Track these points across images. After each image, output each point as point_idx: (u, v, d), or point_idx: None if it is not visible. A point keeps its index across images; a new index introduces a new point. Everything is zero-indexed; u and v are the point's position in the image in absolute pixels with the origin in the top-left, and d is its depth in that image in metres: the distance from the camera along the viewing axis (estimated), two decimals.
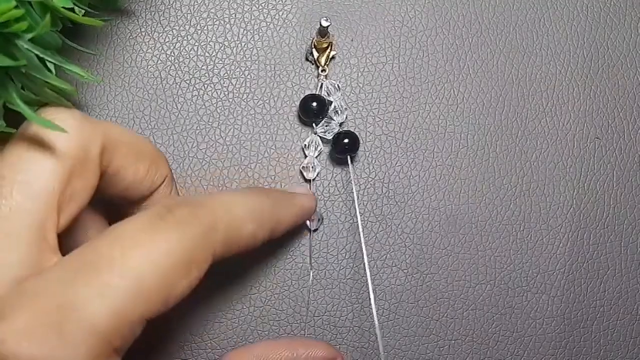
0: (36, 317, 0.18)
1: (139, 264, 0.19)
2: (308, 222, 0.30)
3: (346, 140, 0.30)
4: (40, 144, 0.21)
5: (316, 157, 0.31)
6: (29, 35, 0.19)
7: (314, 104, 0.30)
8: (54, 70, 0.22)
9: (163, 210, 0.20)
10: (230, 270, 0.30)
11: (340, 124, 0.31)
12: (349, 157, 0.30)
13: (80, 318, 0.18)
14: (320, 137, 0.31)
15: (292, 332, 0.30)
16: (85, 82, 0.30)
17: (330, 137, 0.31)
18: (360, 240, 0.30)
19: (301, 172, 0.31)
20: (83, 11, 0.26)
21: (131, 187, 0.24)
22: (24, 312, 0.18)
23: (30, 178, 0.20)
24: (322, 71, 0.31)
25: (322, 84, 0.31)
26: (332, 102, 0.31)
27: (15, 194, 0.20)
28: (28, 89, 0.21)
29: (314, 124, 0.31)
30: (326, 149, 0.31)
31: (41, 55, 0.21)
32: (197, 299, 0.30)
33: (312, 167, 0.31)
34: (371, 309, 0.29)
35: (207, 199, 0.22)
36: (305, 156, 0.31)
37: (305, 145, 0.31)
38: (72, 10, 0.24)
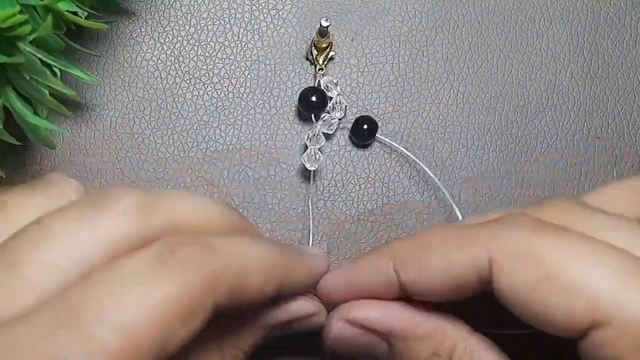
0: None
1: (131, 315, 0.17)
2: None
3: (365, 126, 0.30)
4: None
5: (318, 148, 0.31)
6: (30, 37, 0.19)
7: (314, 97, 0.30)
8: (59, 74, 0.22)
9: (165, 250, 0.19)
10: None
11: (340, 119, 0.31)
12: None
13: None
14: (323, 133, 0.31)
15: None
16: (85, 83, 0.30)
17: (331, 133, 0.31)
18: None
19: (302, 163, 0.30)
20: (86, 13, 0.26)
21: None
22: None
23: None
24: (319, 70, 0.31)
25: (319, 80, 0.31)
26: (331, 97, 0.31)
27: None
28: (28, 94, 0.21)
29: (313, 117, 0.31)
30: (326, 146, 0.31)
31: (44, 59, 0.21)
32: None
33: (315, 156, 0.30)
34: None
35: (218, 243, 0.20)
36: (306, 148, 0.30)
37: (308, 136, 0.30)
38: (75, 13, 0.24)
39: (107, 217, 0.19)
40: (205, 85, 0.31)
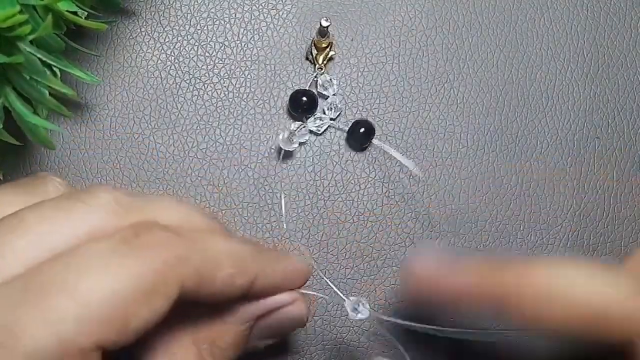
0: None
1: (92, 289, 0.18)
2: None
3: (362, 130, 0.31)
4: None
5: (297, 145, 0.30)
6: (30, 37, 0.19)
7: (304, 98, 0.30)
8: (59, 74, 0.22)
9: (130, 233, 0.19)
10: None
11: (333, 120, 0.31)
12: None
13: (19, 343, 0.17)
14: (311, 130, 0.31)
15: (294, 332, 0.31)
16: (85, 83, 0.30)
17: (321, 132, 0.31)
18: None
19: (281, 147, 0.30)
20: (86, 13, 0.26)
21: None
22: None
23: None
24: (318, 69, 0.31)
25: (317, 80, 0.31)
26: (327, 96, 0.31)
27: None
28: (28, 94, 0.21)
29: (304, 119, 0.31)
30: (326, 146, 0.31)
31: (44, 59, 0.21)
32: None
33: (299, 132, 0.30)
34: None
35: (186, 232, 0.20)
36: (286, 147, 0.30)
37: (290, 131, 0.30)
38: (75, 13, 0.24)
39: (82, 211, 0.20)
40: (205, 85, 0.31)
